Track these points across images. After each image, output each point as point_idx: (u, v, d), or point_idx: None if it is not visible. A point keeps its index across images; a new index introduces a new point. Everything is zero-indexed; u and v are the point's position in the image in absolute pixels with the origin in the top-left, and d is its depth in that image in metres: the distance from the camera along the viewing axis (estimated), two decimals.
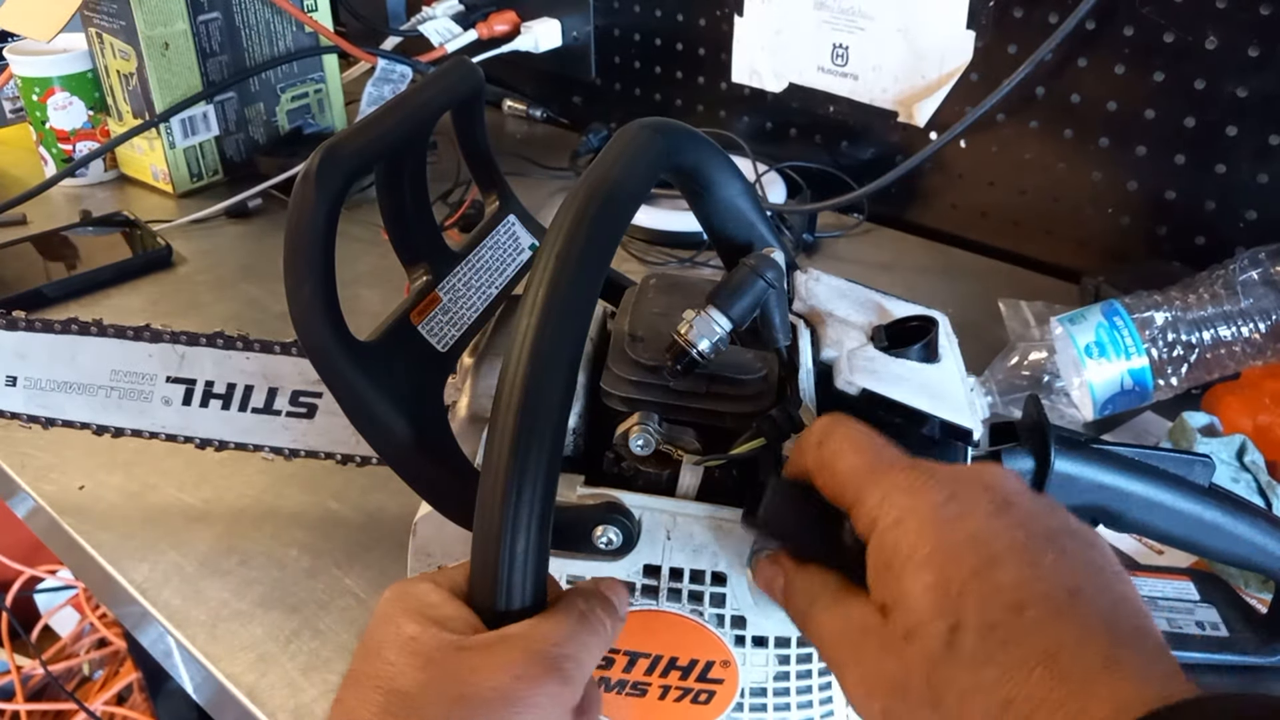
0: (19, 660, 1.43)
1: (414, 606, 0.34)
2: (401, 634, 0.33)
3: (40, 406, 0.60)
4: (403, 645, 0.33)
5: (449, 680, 0.32)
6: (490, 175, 0.55)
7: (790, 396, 0.42)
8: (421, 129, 0.47)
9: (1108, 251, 0.90)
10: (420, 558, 0.45)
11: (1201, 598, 0.55)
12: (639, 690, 0.43)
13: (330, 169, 0.39)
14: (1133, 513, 0.46)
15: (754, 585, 0.40)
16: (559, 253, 0.35)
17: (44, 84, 1.07)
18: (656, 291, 0.47)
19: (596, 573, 0.41)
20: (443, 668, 0.32)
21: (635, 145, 0.40)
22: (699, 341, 0.40)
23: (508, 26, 1.20)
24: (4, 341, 0.59)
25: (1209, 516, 0.46)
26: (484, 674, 0.32)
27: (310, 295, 0.39)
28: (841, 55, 1.00)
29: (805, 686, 0.43)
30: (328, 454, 0.58)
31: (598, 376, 0.43)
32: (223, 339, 0.57)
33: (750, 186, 0.47)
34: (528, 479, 0.33)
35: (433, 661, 0.32)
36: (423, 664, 0.32)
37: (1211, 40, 0.78)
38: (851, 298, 0.49)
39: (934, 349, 0.45)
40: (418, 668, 0.32)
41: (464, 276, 0.50)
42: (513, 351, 0.34)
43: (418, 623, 0.33)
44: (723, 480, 0.41)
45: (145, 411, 0.58)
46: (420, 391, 0.43)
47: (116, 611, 0.66)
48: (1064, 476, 0.45)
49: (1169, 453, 0.48)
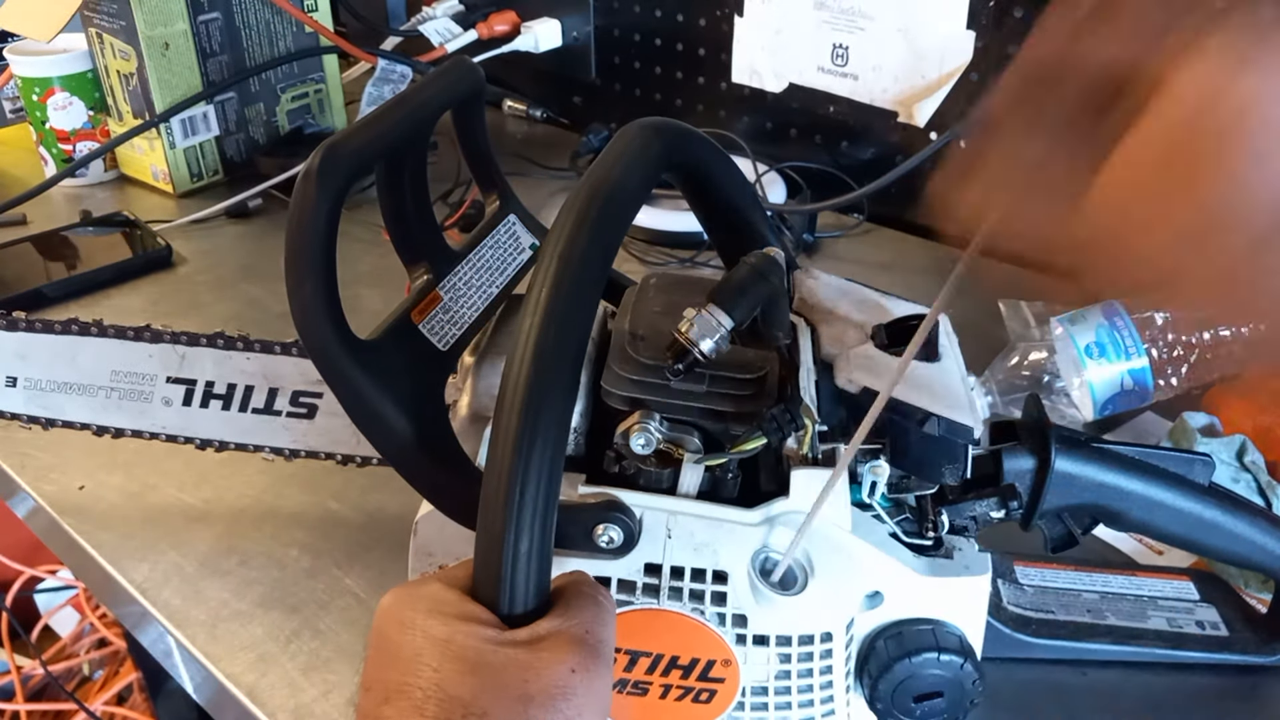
0: (19, 660, 1.43)
1: (433, 608, 0.34)
2: (433, 637, 0.33)
3: (41, 407, 0.60)
4: (441, 650, 0.32)
5: (506, 682, 0.32)
6: (491, 175, 0.55)
7: (791, 395, 0.42)
8: (422, 128, 0.47)
9: None
10: (421, 557, 0.45)
11: (1201, 597, 0.55)
12: (640, 689, 0.43)
13: (331, 168, 0.40)
14: (1133, 512, 0.46)
15: (755, 583, 0.40)
16: (561, 253, 0.35)
17: (44, 84, 1.07)
18: (657, 291, 0.47)
19: (598, 571, 0.41)
20: (494, 670, 0.32)
21: (636, 145, 0.40)
22: (700, 341, 0.40)
23: (508, 26, 1.20)
24: (4, 342, 0.58)
25: (1209, 515, 0.47)
26: (539, 671, 0.32)
27: (311, 294, 0.39)
28: (841, 55, 1.00)
29: (806, 685, 0.43)
30: (328, 454, 0.58)
31: (599, 376, 0.43)
32: (223, 339, 0.56)
33: (750, 186, 0.47)
34: (531, 478, 0.33)
35: (482, 664, 0.32)
36: (470, 668, 0.32)
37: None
38: (851, 297, 0.49)
39: (934, 348, 0.45)
40: (466, 671, 0.32)
41: (465, 276, 0.50)
42: (516, 351, 0.34)
43: (444, 623, 0.33)
44: (724, 479, 0.41)
45: (145, 412, 0.58)
46: (421, 390, 0.43)
47: (116, 611, 0.66)
48: (1064, 475, 0.45)
49: (1169, 452, 0.48)
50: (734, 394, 0.41)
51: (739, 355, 0.42)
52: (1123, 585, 0.55)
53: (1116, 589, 0.55)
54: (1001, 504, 0.45)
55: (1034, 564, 0.56)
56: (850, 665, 0.44)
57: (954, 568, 0.43)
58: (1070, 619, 0.53)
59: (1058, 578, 0.55)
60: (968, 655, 0.42)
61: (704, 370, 0.41)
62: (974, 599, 0.44)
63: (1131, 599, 0.55)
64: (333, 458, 0.58)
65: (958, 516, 0.45)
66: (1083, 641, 0.52)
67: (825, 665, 0.42)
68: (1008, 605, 0.53)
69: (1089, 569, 0.56)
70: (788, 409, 0.39)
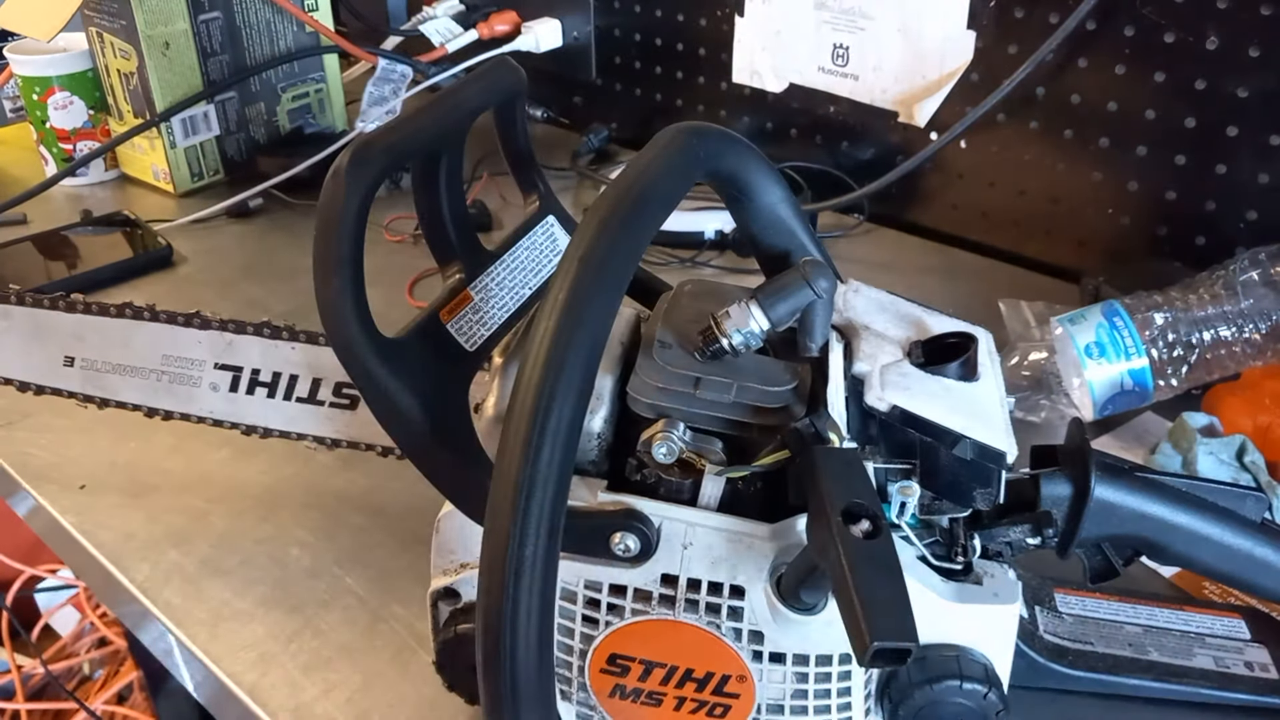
0: (19, 660, 1.43)
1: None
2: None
3: (96, 387, 0.61)
4: None
5: None
6: (531, 175, 0.55)
7: (820, 410, 0.41)
8: (459, 127, 0.47)
9: (1108, 252, 0.90)
10: (443, 554, 0.45)
11: (1253, 637, 0.53)
12: (654, 700, 0.42)
13: (362, 164, 0.39)
14: (1177, 546, 0.45)
15: (773, 600, 0.39)
16: (582, 256, 0.34)
17: (44, 83, 1.07)
18: (691, 298, 0.45)
19: (614, 579, 0.40)
20: None
21: (670, 149, 0.39)
22: (732, 333, 0.39)
23: (508, 26, 1.20)
24: (63, 323, 0.60)
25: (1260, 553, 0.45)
26: None
27: (339, 291, 0.39)
28: (842, 55, 1.00)
29: (823, 706, 0.42)
30: (368, 445, 0.58)
31: (626, 381, 0.42)
32: (269, 328, 0.57)
33: (791, 194, 0.46)
34: (538, 484, 0.32)
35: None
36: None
37: (1212, 40, 0.78)
38: (891, 311, 0.47)
39: (973, 367, 0.44)
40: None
41: (497, 276, 0.50)
42: (529, 354, 0.33)
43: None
44: (745, 492, 0.40)
45: (194, 397, 0.59)
46: (444, 388, 0.43)
47: (117, 611, 0.66)
48: (1104, 504, 0.44)
49: (1220, 485, 0.47)
50: (760, 406, 0.41)
51: (769, 368, 0.41)
52: (1169, 619, 0.53)
53: (1162, 623, 0.53)
54: (1036, 531, 0.44)
55: (1076, 592, 0.54)
56: (870, 689, 0.43)
57: (982, 594, 0.42)
58: (1110, 651, 0.50)
59: (1100, 608, 0.53)
60: (993, 685, 0.41)
61: (730, 380, 0.40)
62: (1002, 627, 0.42)
63: (1178, 634, 0.52)
64: (373, 449, 0.58)
65: (991, 541, 0.44)
66: (1121, 676, 0.49)
67: (844, 687, 0.41)
68: (1044, 634, 0.51)
69: (1135, 600, 0.54)
70: (814, 423, 0.38)
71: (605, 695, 0.43)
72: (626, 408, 0.42)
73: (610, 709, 0.43)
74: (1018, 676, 0.44)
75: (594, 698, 0.43)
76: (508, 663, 0.33)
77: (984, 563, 0.44)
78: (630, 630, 0.41)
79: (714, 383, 0.41)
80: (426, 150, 0.46)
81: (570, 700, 0.44)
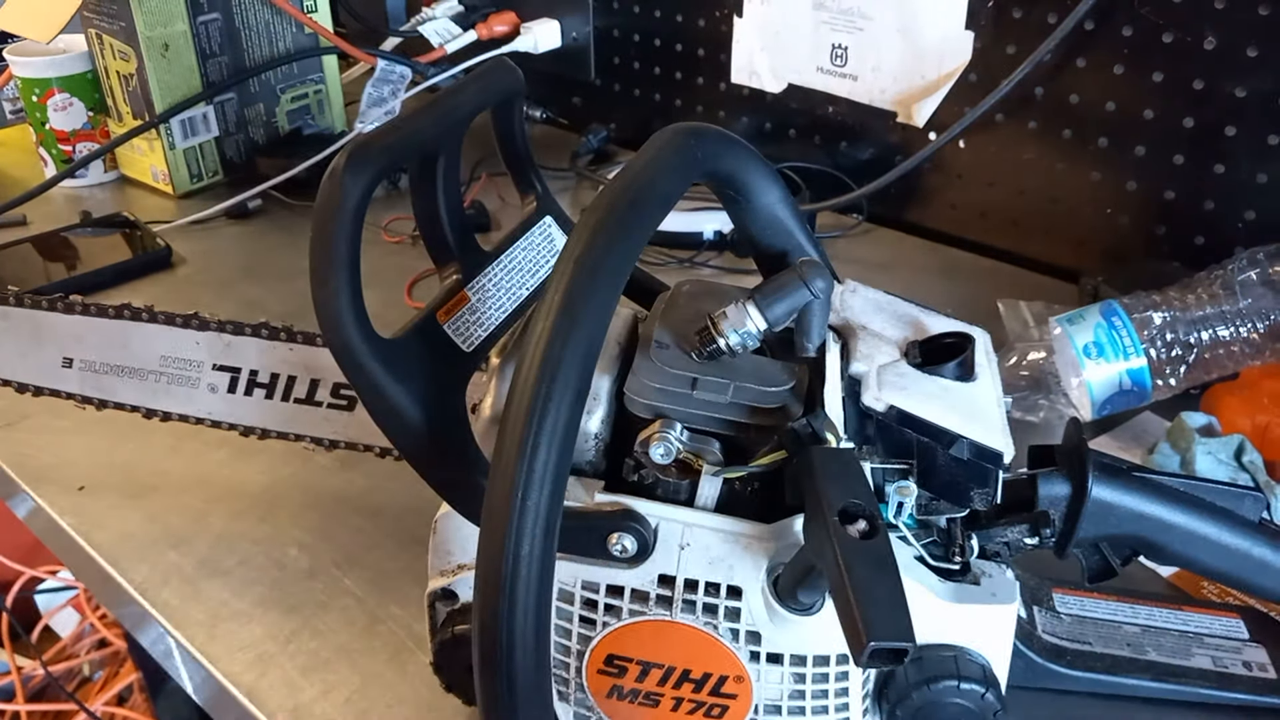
0: (19, 661, 1.43)
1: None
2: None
3: (94, 388, 0.61)
4: None
5: None
6: (528, 176, 0.55)
7: (817, 410, 0.41)
8: (457, 128, 0.47)
9: (1106, 251, 0.90)
10: (440, 555, 0.45)
11: (1251, 637, 0.53)
12: (651, 700, 0.42)
13: (359, 165, 0.39)
14: (1175, 545, 0.45)
15: (770, 601, 0.39)
16: (578, 257, 0.34)
17: (44, 85, 1.07)
18: (689, 298, 0.46)
19: (611, 580, 0.40)
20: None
21: (668, 149, 0.39)
22: (729, 333, 0.39)
23: (507, 27, 1.20)
24: (61, 325, 0.60)
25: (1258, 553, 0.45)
26: None
27: (335, 291, 0.39)
28: (841, 56, 1.00)
29: (821, 707, 0.42)
30: (366, 446, 0.58)
31: (624, 381, 0.42)
32: (267, 329, 0.57)
33: (789, 194, 0.46)
34: (534, 485, 0.32)
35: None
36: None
37: (1210, 40, 0.78)
38: (889, 311, 0.47)
39: (969, 367, 0.44)
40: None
41: (494, 277, 0.50)
42: (525, 356, 0.33)
43: None
44: (742, 493, 0.40)
45: (192, 398, 0.60)
46: (441, 389, 0.43)
47: (116, 612, 0.66)
48: (1102, 504, 0.44)
49: (1218, 485, 0.47)
50: (757, 406, 0.41)
51: (766, 368, 0.41)
52: (1167, 619, 0.53)
53: (1160, 623, 0.53)
54: (1034, 531, 0.44)
55: (1074, 592, 0.54)
56: (868, 689, 0.43)
57: (980, 594, 0.42)
58: (1108, 651, 0.50)
59: (1098, 608, 0.53)
60: (990, 685, 0.41)
61: (728, 380, 0.40)
62: (999, 627, 0.42)
63: (1176, 634, 0.52)
64: (371, 450, 0.58)
65: (989, 541, 0.44)
66: (1119, 676, 0.49)
67: (841, 688, 0.41)
68: (1042, 633, 0.51)
69: (1133, 600, 0.54)
70: (811, 424, 0.38)
71: (602, 696, 0.43)
72: (624, 408, 0.42)
73: (607, 710, 0.43)
74: (1016, 676, 0.44)
75: (591, 698, 0.43)
76: (505, 663, 0.33)
77: (982, 563, 0.44)
78: (627, 631, 0.41)
79: (711, 383, 0.41)
80: (424, 151, 0.46)
81: (568, 701, 0.44)
